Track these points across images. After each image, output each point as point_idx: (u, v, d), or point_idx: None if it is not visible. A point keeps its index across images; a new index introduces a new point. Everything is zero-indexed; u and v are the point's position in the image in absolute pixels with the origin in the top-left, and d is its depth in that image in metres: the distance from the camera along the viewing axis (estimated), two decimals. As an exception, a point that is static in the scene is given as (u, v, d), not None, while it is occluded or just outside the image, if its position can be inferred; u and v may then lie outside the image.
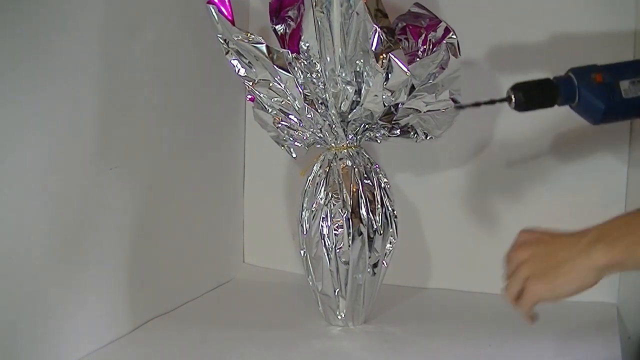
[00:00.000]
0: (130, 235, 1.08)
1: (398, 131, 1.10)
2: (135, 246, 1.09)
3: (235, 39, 1.03)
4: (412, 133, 1.11)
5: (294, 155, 1.15)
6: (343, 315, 1.12)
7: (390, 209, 1.10)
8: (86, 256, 0.99)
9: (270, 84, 1.06)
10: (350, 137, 1.09)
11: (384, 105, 1.03)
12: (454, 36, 1.07)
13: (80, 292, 0.99)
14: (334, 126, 1.08)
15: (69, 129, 0.95)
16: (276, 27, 1.12)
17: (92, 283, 1.01)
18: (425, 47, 1.08)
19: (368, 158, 1.10)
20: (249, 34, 1.02)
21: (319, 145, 1.11)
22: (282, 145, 1.14)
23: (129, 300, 1.08)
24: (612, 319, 1.15)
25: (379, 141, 1.12)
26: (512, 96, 0.98)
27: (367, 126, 1.09)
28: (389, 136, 1.11)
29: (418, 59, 1.08)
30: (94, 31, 0.98)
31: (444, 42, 1.07)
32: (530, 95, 0.97)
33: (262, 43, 1.02)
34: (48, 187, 0.92)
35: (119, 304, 1.07)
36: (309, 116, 1.07)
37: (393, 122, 1.08)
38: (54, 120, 0.92)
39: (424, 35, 1.09)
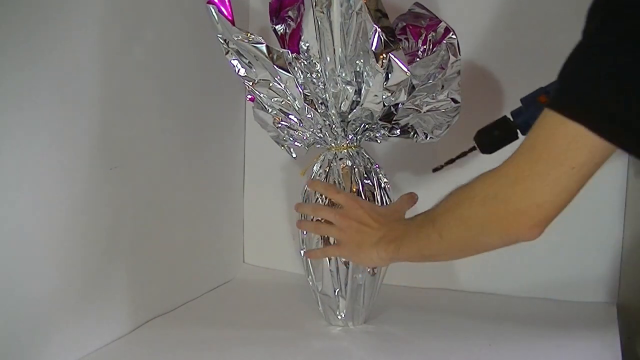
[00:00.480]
0: (130, 235, 1.08)
1: (398, 131, 1.10)
2: (135, 246, 1.09)
3: (235, 39, 1.03)
4: (412, 133, 1.11)
5: (294, 155, 1.15)
6: (343, 315, 1.12)
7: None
8: (86, 256, 0.99)
9: (270, 84, 1.06)
10: (350, 137, 1.09)
11: (384, 105, 1.03)
12: (453, 36, 1.07)
13: (80, 292, 0.99)
14: (334, 126, 1.08)
15: (69, 129, 0.95)
16: (276, 27, 1.12)
17: (91, 283, 1.01)
18: (425, 47, 1.08)
19: (368, 158, 1.10)
20: (249, 34, 1.02)
21: (319, 145, 1.11)
22: (282, 145, 1.14)
23: (129, 300, 1.08)
24: (612, 319, 1.15)
25: (379, 141, 1.12)
26: (476, 144, 1.08)
27: (367, 126, 1.09)
28: (389, 136, 1.11)
29: (418, 59, 1.08)
30: (94, 31, 0.98)
31: (444, 42, 1.07)
32: (492, 137, 1.07)
33: (262, 43, 1.02)
34: (48, 187, 0.92)
35: (119, 304, 1.07)
36: (309, 116, 1.07)
37: (393, 122, 1.08)
38: (54, 121, 0.92)
39: (424, 35, 1.09)
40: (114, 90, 1.02)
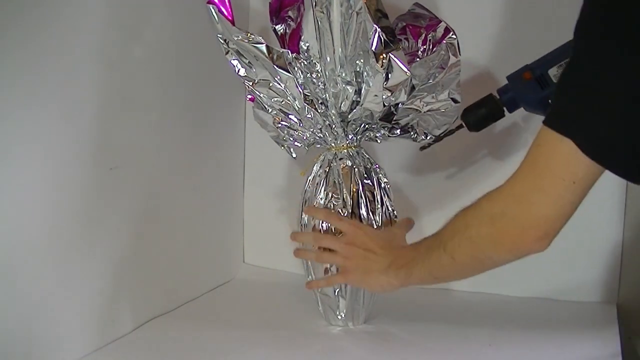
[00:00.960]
0: (130, 235, 1.08)
1: (398, 131, 1.10)
2: (135, 246, 1.09)
3: (235, 39, 1.03)
4: (412, 133, 1.11)
5: (294, 155, 1.15)
6: (343, 316, 1.12)
7: (390, 208, 1.10)
8: (86, 256, 0.99)
9: (270, 84, 1.06)
10: (350, 137, 1.09)
11: (384, 105, 1.03)
12: (453, 36, 1.07)
13: (81, 292, 0.99)
14: (334, 126, 1.08)
15: (69, 129, 0.94)
16: (276, 27, 1.11)
17: (92, 283, 1.01)
18: (425, 47, 1.08)
19: (368, 158, 1.10)
20: (248, 34, 1.02)
21: (319, 145, 1.11)
22: (282, 145, 1.14)
23: (129, 300, 1.08)
24: (612, 319, 1.15)
25: (379, 141, 1.12)
26: (463, 122, 1.10)
27: (367, 126, 1.09)
28: (389, 136, 1.11)
29: (418, 59, 1.08)
30: (94, 31, 0.98)
31: (444, 42, 1.07)
32: (478, 115, 1.10)
33: (262, 43, 1.02)
34: (48, 187, 0.92)
35: (119, 304, 1.07)
36: (309, 116, 1.07)
37: (393, 122, 1.08)
38: (54, 121, 0.92)
39: (424, 35, 1.09)
40: (114, 90, 1.02)
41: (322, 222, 1.08)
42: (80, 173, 0.97)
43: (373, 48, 0.97)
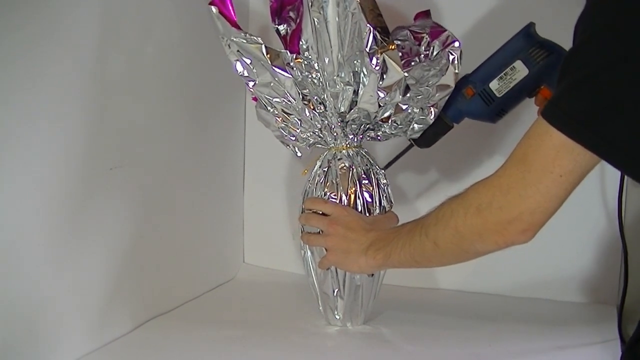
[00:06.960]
0: (130, 235, 1.08)
1: (395, 129, 1.10)
2: (135, 246, 1.09)
3: (235, 39, 1.03)
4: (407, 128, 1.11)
5: (299, 154, 1.14)
6: (341, 316, 1.12)
7: (387, 208, 1.09)
8: (86, 256, 0.99)
9: (272, 84, 1.06)
10: (350, 137, 1.09)
11: (379, 106, 1.03)
12: (457, 45, 1.06)
13: (80, 291, 0.99)
14: (333, 127, 1.07)
15: (69, 129, 0.95)
16: (279, 28, 1.11)
17: (92, 283, 1.01)
18: (427, 52, 1.08)
19: (368, 159, 1.10)
20: (248, 35, 1.02)
21: (319, 146, 1.11)
22: (287, 145, 1.14)
23: (128, 300, 1.08)
24: (612, 319, 1.15)
25: (380, 140, 1.12)
26: (412, 141, 1.11)
27: (367, 126, 1.09)
28: (391, 134, 1.11)
29: (418, 61, 1.07)
30: (95, 31, 0.98)
31: (447, 50, 1.06)
32: (426, 135, 1.10)
33: (260, 43, 1.02)
34: (48, 187, 0.92)
35: (119, 304, 1.07)
36: (308, 117, 1.07)
37: (391, 121, 1.08)
38: (54, 120, 0.92)
39: (426, 41, 1.08)
40: (115, 92, 1.02)
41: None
42: (81, 173, 0.97)
43: (367, 48, 0.97)
